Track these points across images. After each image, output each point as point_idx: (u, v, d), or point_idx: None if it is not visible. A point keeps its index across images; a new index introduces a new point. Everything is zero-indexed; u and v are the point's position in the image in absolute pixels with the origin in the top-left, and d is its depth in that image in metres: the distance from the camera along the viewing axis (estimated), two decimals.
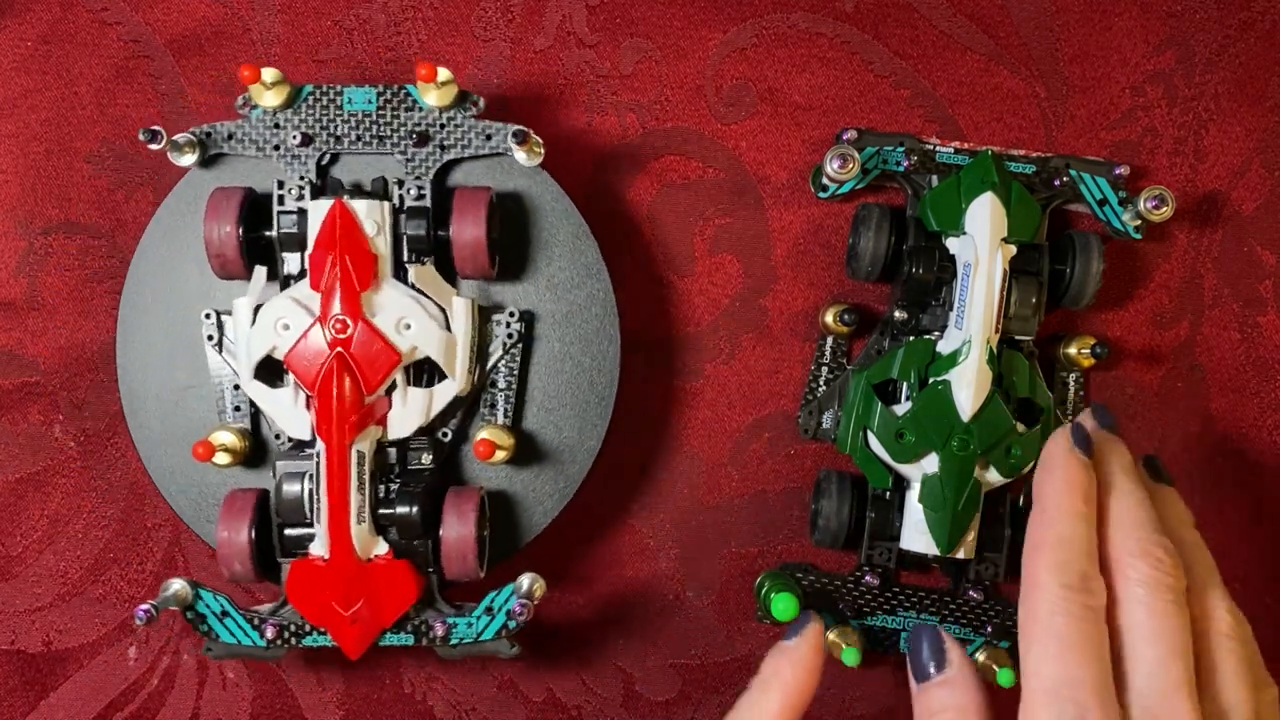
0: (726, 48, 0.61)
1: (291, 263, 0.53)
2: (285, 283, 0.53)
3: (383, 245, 0.52)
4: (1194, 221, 0.62)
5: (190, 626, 0.52)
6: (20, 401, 0.61)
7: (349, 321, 0.50)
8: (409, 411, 0.52)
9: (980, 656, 0.57)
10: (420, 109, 0.53)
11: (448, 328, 0.53)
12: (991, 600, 0.57)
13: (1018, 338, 0.56)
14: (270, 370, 0.53)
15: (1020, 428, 0.55)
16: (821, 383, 0.60)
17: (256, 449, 0.56)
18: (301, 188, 0.53)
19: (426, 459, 0.54)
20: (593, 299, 0.56)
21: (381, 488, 0.52)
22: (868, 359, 0.58)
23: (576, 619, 0.61)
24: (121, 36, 0.61)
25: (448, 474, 0.56)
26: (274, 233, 0.53)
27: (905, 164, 0.58)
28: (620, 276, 0.59)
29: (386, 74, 0.61)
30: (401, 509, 0.51)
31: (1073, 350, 0.59)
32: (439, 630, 0.52)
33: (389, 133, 0.54)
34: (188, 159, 0.54)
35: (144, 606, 0.49)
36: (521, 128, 0.53)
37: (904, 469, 0.55)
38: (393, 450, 0.53)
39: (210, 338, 0.55)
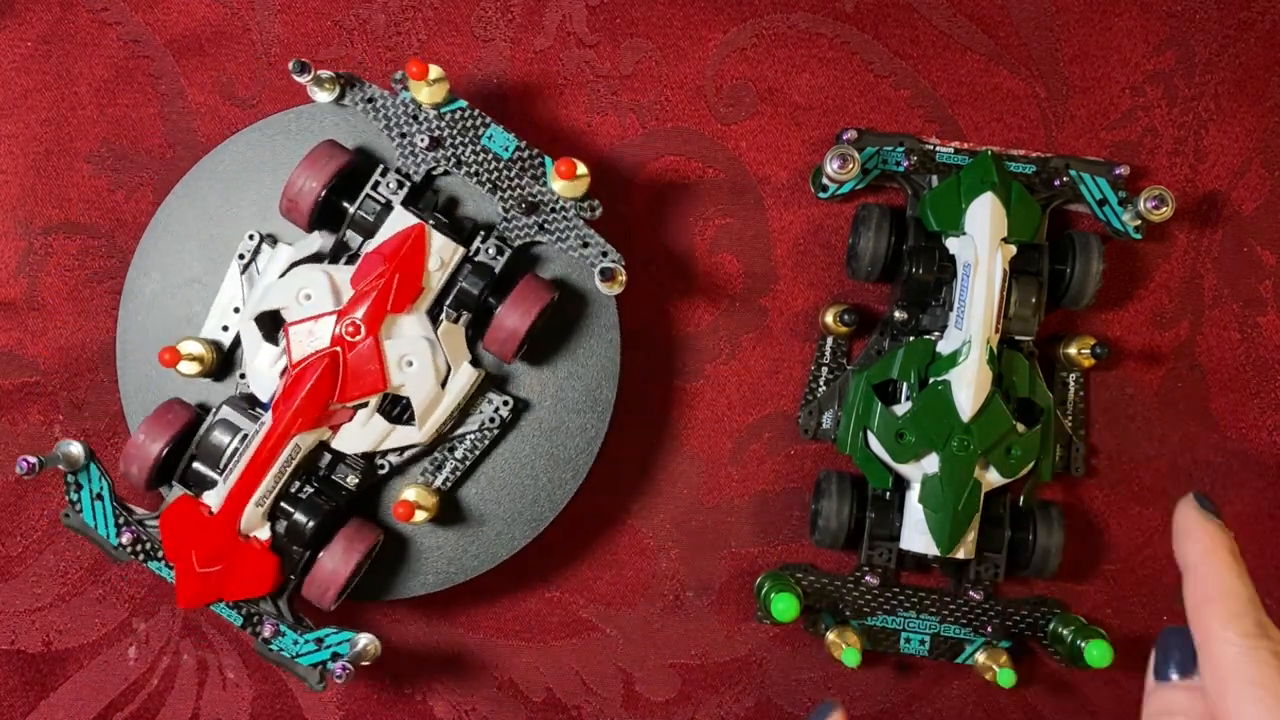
0: (726, 48, 0.61)
1: (351, 240, 0.53)
2: (335, 254, 0.53)
3: (435, 282, 0.52)
4: (1194, 221, 0.62)
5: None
6: (20, 401, 0.61)
7: (362, 330, 0.50)
8: (363, 434, 0.52)
9: (980, 656, 0.57)
10: (544, 184, 0.53)
11: (443, 384, 0.52)
12: (991, 600, 0.57)
13: (1018, 338, 0.56)
14: (273, 323, 0.53)
15: (1020, 428, 0.55)
16: (821, 383, 0.60)
17: (225, 365, 0.55)
18: (401, 183, 0.53)
19: (352, 480, 0.53)
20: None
21: (297, 483, 0.52)
22: (868, 359, 0.58)
23: (576, 619, 0.61)
24: (121, 36, 0.61)
25: (364, 500, 0.55)
26: (352, 209, 0.52)
27: (905, 164, 0.58)
28: None
29: (387, 74, 0.61)
30: (300, 516, 0.52)
31: (1073, 350, 0.59)
32: (266, 630, 0.52)
33: (506, 185, 0.53)
34: (324, 96, 0.52)
35: (28, 457, 0.49)
36: (612, 265, 0.52)
37: (904, 469, 0.55)
38: (327, 455, 0.53)
39: (242, 256, 0.55)
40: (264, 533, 0.52)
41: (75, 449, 0.52)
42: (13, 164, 0.61)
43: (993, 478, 0.55)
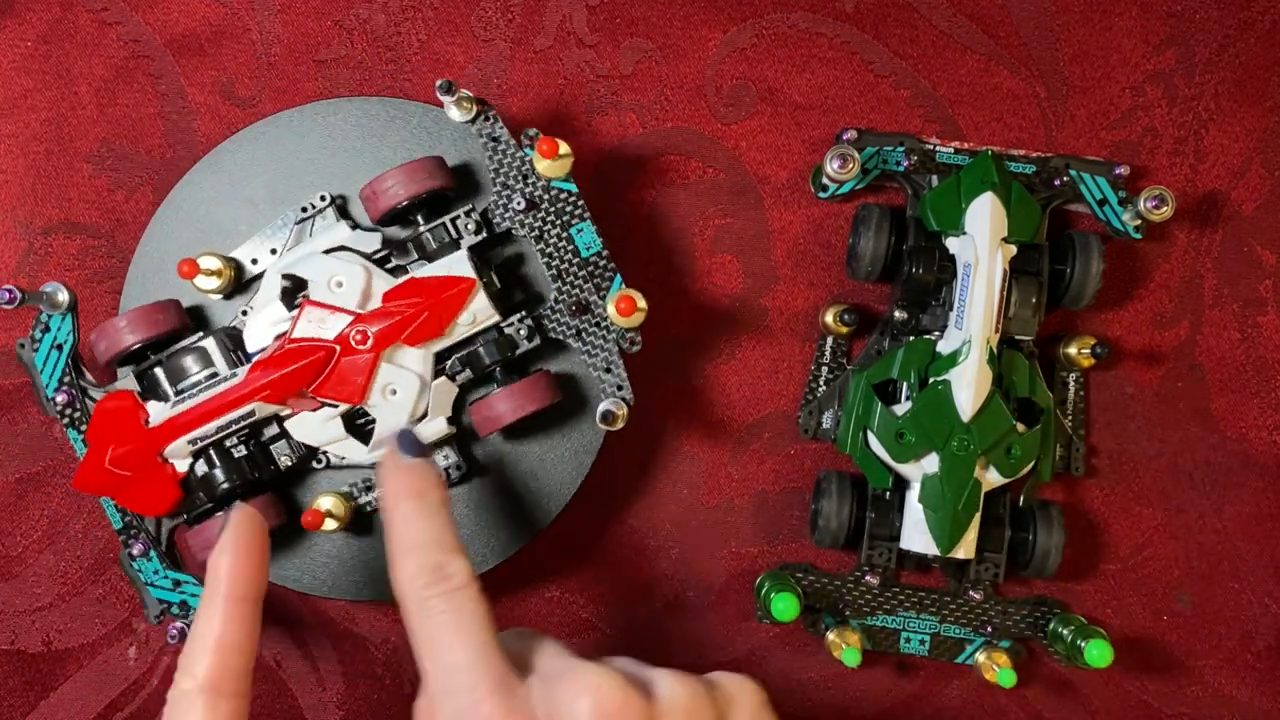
0: (726, 48, 0.61)
1: (405, 252, 0.53)
2: (385, 258, 0.53)
3: (458, 334, 0.52)
4: (1194, 221, 0.62)
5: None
6: (20, 401, 0.61)
7: (369, 344, 0.50)
8: (318, 429, 0.52)
9: (980, 656, 0.57)
10: (603, 296, 0.53)
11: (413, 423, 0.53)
12: (991, 600, 0.57)
13: (1018, 338, 0.56)
14: (294, 288, 0.53)
15: (1020, 428, 0.55)
16: (821, 383, 0.60)
17: (241, 285, 0.55)
18: (479, 228, 0.52)
19: (285, 461, 0.53)
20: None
21: (234, 439, 0.52)
22: (868, 359, 0.58)
23: (577, 619, 0.61)
24: (121, 36, 0.61)
25: (287, 480, 0.55)
26: (422, 228, 0.52)
27: (905, 164, 0.58)
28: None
29: (387, 73, 0.61)
30: (221, 472, 0.52)
31: (1073, 350, 0.59)
32: (136, 548, 0.53)
33: (569, 280, 0.53)
34: (458, 115, 0.52)
35: (11, 287, 0.50)
36: (612, 408, 0.52)
37: (904, 469, 0.55)
38: (276, 427, 0.53)
39: (305, 210, 0.54)
40: (182, 465, 0.52)
41: (63, 295, 0.52)
42: (13, 164, 0.61)
43: (993, 478, 0.55)
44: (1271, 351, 0.62)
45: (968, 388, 0.54)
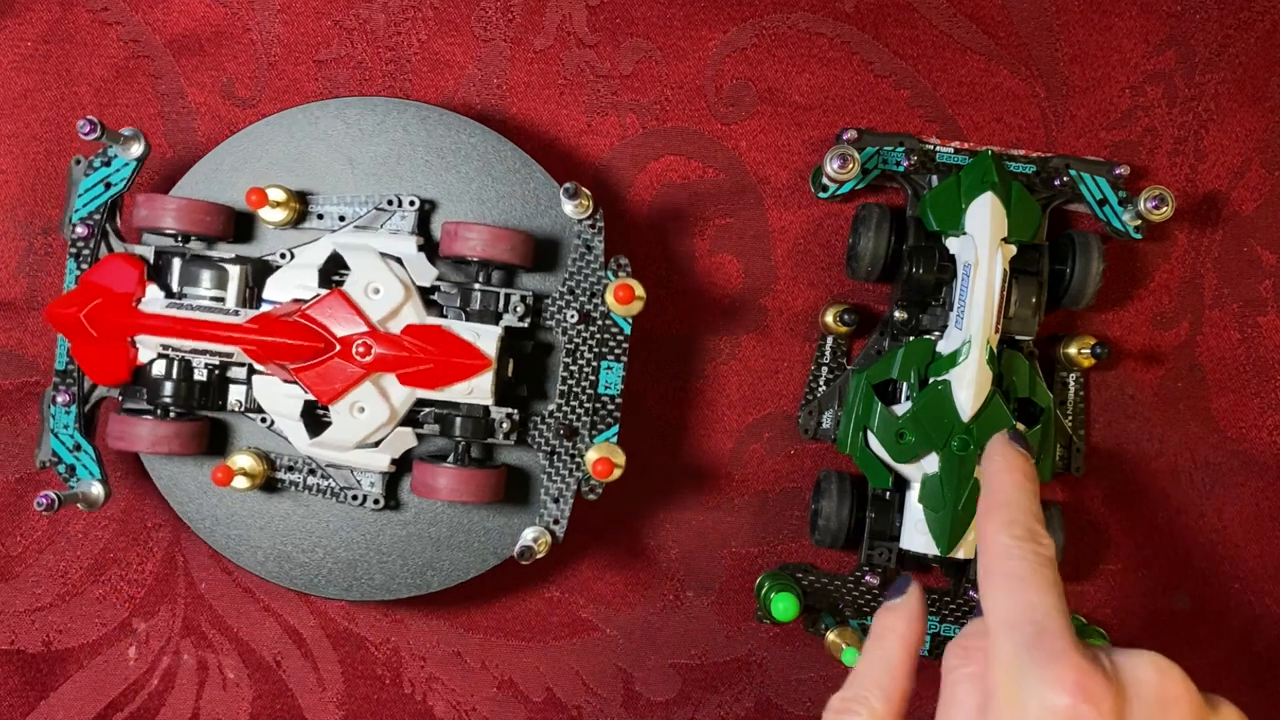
0: (726, 48, 0.61)
1: (450, 297, 0.53)
2: (431, 289, 0.53)
3: (450, 395, 0.52)
4: (1194, 221, 0.62)
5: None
6: (20, 401, 0.61)
7: (366, 360, 0.50)
8: (273, 395, 0.53)
9: None
10: (588, 431, 0.53)
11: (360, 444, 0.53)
12: None
13: (1018, 338, 0.56)
14: (332, 268, 0.53)
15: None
16: (821, 383, 0.60)
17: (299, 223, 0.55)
18: (524, 315, 0.52)
19: (232, 400, 0.54)
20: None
21: (202, 363, 0.53)
22: (868, 359, 0.58)
23: (577, 619, 0.61)
24: (121, 36, 0.61)
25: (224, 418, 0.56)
26: (477, 288, 0.52)
27: (905, 164, 0.58)
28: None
29: (387, 73, 0.61)
30: (173, 385, 0.52)
31: (1073, 350, 0.59)
32: (63, 397, 0.53)
33: (570, 404, 0.53)
34: (572, 210, 0.52)
35: (92, 119, 0.50)
36: (529, 544, 0.52)
37: (904, 469, 0.55)
38: (244, 372, 0.54)
39: (390, 203, 0.54)
40: (145, 355, 0.53)
41: (138, 147, 0.53)
42: (13, 164, 0.61)
43: None
44: (1271, 351, 0.62)
45: (968, 388, 0.54)
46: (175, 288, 0.53)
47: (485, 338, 0.51)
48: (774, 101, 0.61)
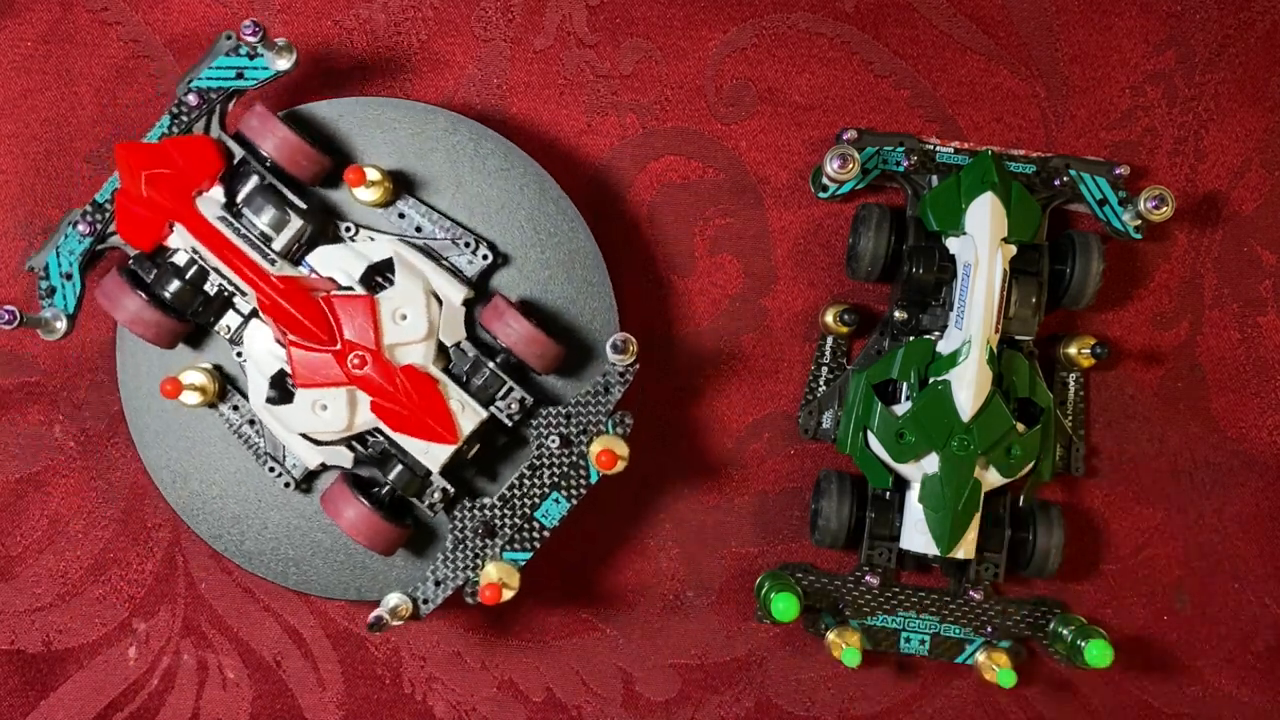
0: (726, 48, 0.61)
1: (465, 359, 0.53)
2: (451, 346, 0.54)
3: (404, 444, 0.52)
4: (1194, 221, 0.62)
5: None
6: (20, 401, 0.61)
7: (358, 372, 0.51)
8: (261, 348, 0.53)
9: (980, 656, 0.57)
10: (495, 550, 0.53)
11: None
12: (991, 600, 0.57)
13: (1018, 338, 0.56)
14: (374, 275, 0.53)
15: (1020, 428, 0.55)
16: (821, 383, 0.60)
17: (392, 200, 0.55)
18: (519, 408, 0.52)
19: (225, 328, 0.54)
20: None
21: (218, 280, 0.52)
22: (868, 359, 0.58)
23: (577, 619, 0.61)
24: (121, 36, 0.61)
25: (207, 325, 0.55)
26: (489, 366, 0.53)
27: (905, 164, 0.58)
28: (620, 276, 0.59)
29: (387, 73, 0.61)
30: (177, 284, 0.52)
31: (1073, 350, 0.59)
32: (84, 227, 0.53)
33: (505, 513, 0.53)
34: (614, 357, 0.52)
35: (255, 24, 0.50)
36: (373, 630, 0.52)
37: (904, 469, 0.55)
38: (249, 307, 0.53)
39: (467, 244, 0.55)
40: (173, 243, 0.52)
41: (285, 63, 0.53)
42: (13, 164, 0.61)
43: (993, 478, 0.55)
44: (1271, 351, 0.62)
45: (968, 388, 0.54)
46: (238, 201, 0.53)
47: (468, 415, 0.52)
48: (774, 101, 0.61)
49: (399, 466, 0.52)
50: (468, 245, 0.55)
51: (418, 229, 0.55)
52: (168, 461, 0.56)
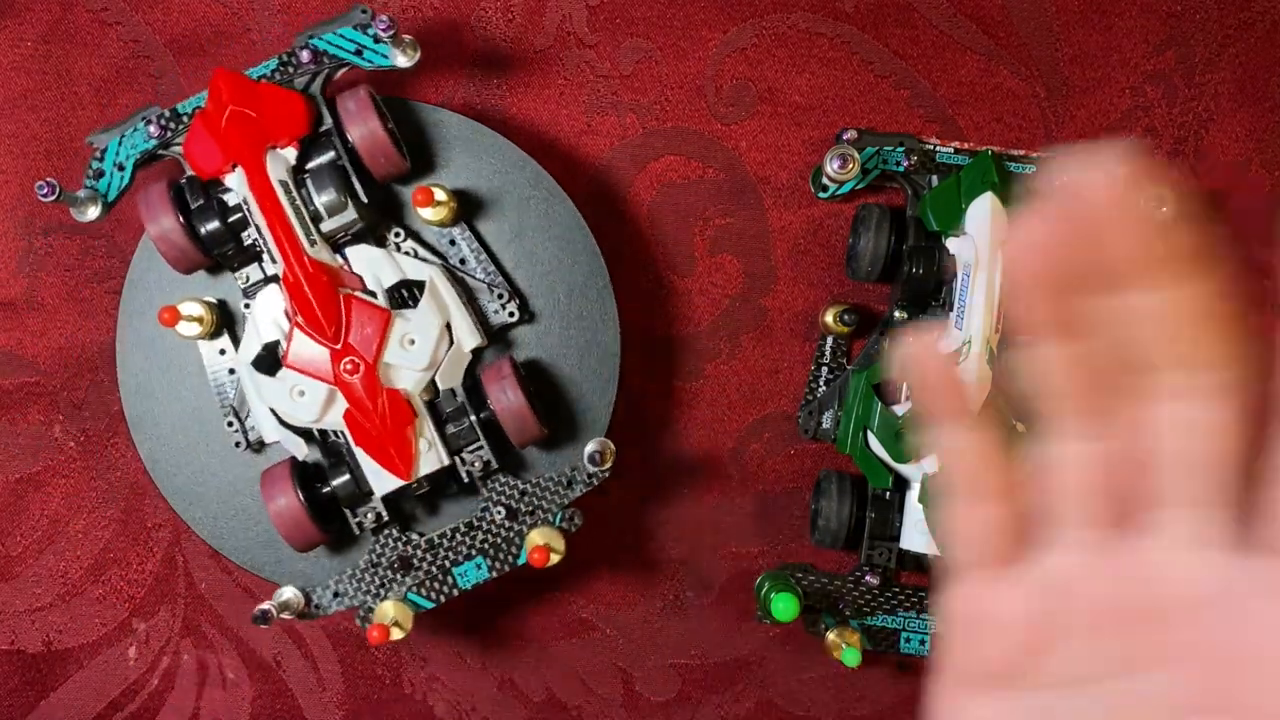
0: (726, 48, 0.61)
1: (455, 400, 0.53)
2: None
3: (365, 464, 0.52)
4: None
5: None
6: (20, 401, 0.61)
7: (348, 377, 0.51)
8: (266, 314, 0.53)
9: None
10: (402, 587, 0.53)
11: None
12: None
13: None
14: (403, 292, 0.53)
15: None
16: (821, 383, 0.60)
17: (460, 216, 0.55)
18: (482, 468, 0.52)
19: (244, 277, 0.54)
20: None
21: (253, 234, 0.52)
22: (868, 359, 0.59)
23: (577, 619, 0.61)
24: (121, 36, 0.61)
25: (220, 268, 0.55)
26: (469, 418, 0.52)
27: (905, 164, 0.58)
28: (620, 276, 0.59)
29: (386, 74, 0.61)
30: (216, 225, 0.52)
31: None
32: (154, 129, 0.53)
33: (428, 553, 0.53)
34: (589, 459, 0.52)
35: (390, 20, 0.50)
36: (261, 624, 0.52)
37: (904, 469, 0.55)
38: (272, 269, 0.53)
39: (507, 310, 0.55)
40: (229, 182, 0.52)
41: (406, 60, 0.53)
42: (13, 164, 0.61)
43: None
44: None
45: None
46: (307, 169, 0.52)
47: (430, 458, 0.51)
48: (774, 101, 0.61)
49: (347, 475, 0.52)
50: (501, 296, 0.55)
51: (462, 261, 0.55)
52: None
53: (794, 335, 0.61)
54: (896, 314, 0.57)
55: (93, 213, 0.53)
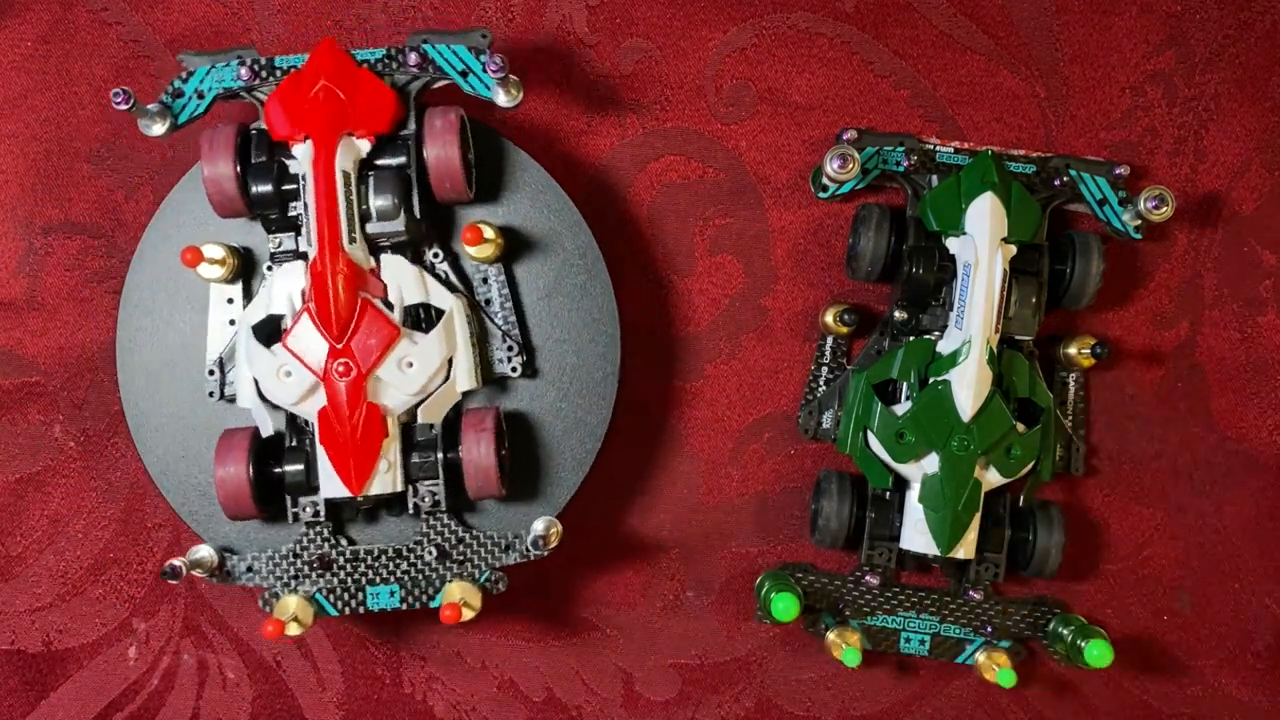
0: (726, 48, 0.61)
1: (429, 430, 0.54)
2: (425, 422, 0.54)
3: (321, 459, 0.51)
4: (1194, 221, 0.62)
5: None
6: (20, 401, 0.61)
7: (338, 378, 0.50)
8: (286, 286, 0.52)
9: (980, 656, 0.57)
10: (322, 584, 0.54)
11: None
12: (991, 600, 0.57)
13: (1018, 338, 0.56)
14: (424, 314, 0.53)
15: (1020, 428, 0.55)
16: (821, 383, 0.60)
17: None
18: (432, 501, 0.53)
19: (276, 240, 0.54)
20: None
21: (300, 203, 0.52)
22: (868, 359, 0.58)
23: (577, 619, 0.61)
24: (121, 36, 0.61)
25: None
26: (437, 455, 0.53)
27: (905, 164, 0.58)
28: (620, 276, 0.59)
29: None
30: (270, 183, 0.52)
31: (1073, 350, 0.59)
32: (246, 72, 0.52)
33: (354, 565, 0.53)
34: (538, 537, 0.52)
35: (501, 62, 0.50)
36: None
37: (904, 469, 0.55)
38: (302, 248, 0.53)
39: (508, 363, 0.55)
40: (296, 151, 0.52)
41: (506, 98, 0.52)
42: (13, 164, 0.61)
43: (993, 478, 0.55)
44: (1271, 351, 0.62)
45: (968, 388, 0.54)
46: (374, 165, 0.52)
47: (384, 480, 0.51)
48: (774, 101, 0.61)
49: (301, 465, 0.52)
50: (511, 348, 0.55)
51: (487, 301, 0.55)
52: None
53: (794, 335, 0.61)
54: (896, 314, 0.57)
55: (158, 129, 0.53)
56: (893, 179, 0.59)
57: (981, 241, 0.54)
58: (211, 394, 0.55)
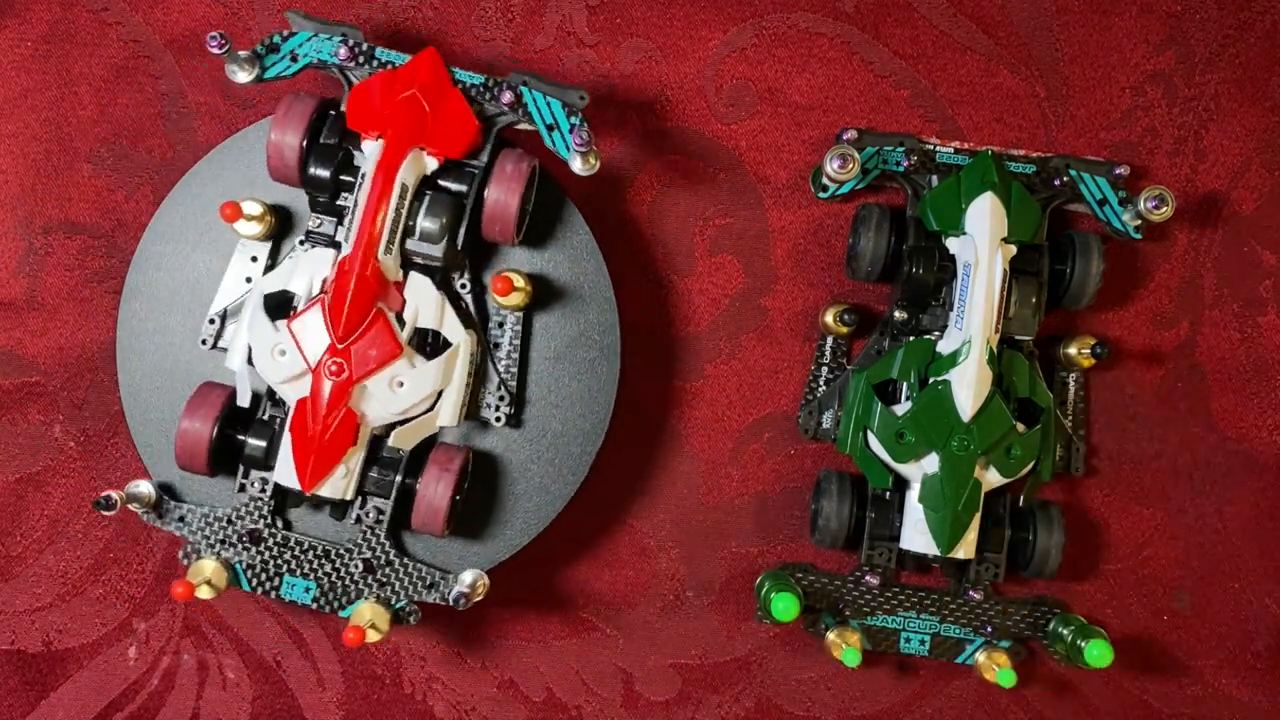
0: (726, 48, 0.61)
1: (389, 458, 0.54)
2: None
3: (283, 450, 0.52)
4: (1194, 221, 0.62)
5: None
6: (20, 401, 0.61)
7: (329, 377, 0.51)
8: (312, 269, 0.53)
9: (980, 656, 0.57)
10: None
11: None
12: (991, 600, 0.57)
13: (1018, 338, 0.56)
14: (433, 340, 0.54)
15: (1020, 428, 0.55)
16: (821, 383, 0.60)
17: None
18: (378, 518, 0.53)
19: (313, 222, 0.54)
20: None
21: (351, 194, 0.52)
22: (868, 359, 0.58)
23: (577, 619, 0.61)
24: (121, 36, 0.61)
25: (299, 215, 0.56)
26: (397, 478, 0.53)
27: (905, 164, 0.58)
28: (620, 276, 0.59)
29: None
30: (329, 168, 0.52)
31: (1073, 350, 0.59)
32: (345, 52, 0.53)
33: (321, 563, 0.54)
34: (463, 591, 0.52)
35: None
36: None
37: (904, 469, 0.55)
38: (338, 236, 0.54)
39: (489, 408, 0.55)
40: (365, 147, 0.52)
41: (581, 160, 0.53)
42: (13, 164, 0.61)
43: (993, 478, 0.55)
44: (1271, 351, 0.62)
45: (968, 388, 0.54)
46: (435, 185, 0.52)
47: (335, 484, 0.51)
48: (774, 101, 0.61)
49: (264, 442, 0.52)
50: (504, 398, 0.55)
51: (496, 345, 0.55)
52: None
53: (794, 335, 0.61)
54: (896, 314, 0.57)
55: (244, 76, 0.53)
56: (893, 179, 0.59)
57: (981, 241, 0.54)
58: (204, 341, 0.55)
